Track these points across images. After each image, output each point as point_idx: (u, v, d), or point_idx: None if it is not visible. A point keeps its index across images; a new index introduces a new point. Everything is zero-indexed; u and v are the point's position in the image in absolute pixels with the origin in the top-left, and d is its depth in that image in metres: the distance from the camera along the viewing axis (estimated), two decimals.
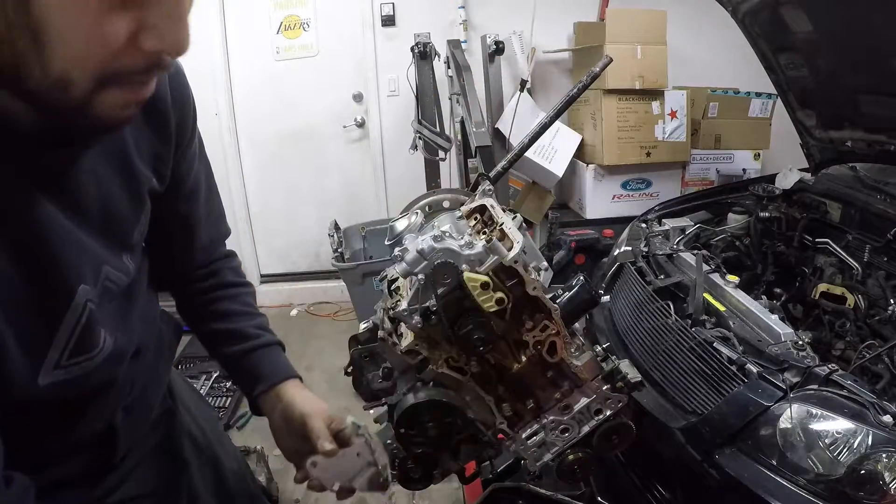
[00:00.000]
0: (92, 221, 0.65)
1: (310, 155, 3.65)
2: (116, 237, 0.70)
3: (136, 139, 0.70)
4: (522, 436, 0.81)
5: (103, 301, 0.67)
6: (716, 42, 3.17)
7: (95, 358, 0.66)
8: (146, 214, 0.75)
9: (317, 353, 3.18)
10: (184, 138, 0.79)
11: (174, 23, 0.49)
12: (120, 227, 0.70)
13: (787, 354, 1.21)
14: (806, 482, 1.06)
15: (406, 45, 2.92)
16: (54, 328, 0.61)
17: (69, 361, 0.63)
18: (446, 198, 0.96)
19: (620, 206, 3.07)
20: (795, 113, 2.13)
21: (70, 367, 0.64)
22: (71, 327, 0.62)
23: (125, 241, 0.72)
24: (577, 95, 1.08)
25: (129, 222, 0.72)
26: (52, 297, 0.60)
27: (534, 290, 0.72)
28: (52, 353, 0.62)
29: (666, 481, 1.37)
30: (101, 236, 0.66)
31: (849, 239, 1.79)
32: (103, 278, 0.67)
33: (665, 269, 1.69)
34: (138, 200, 0.73)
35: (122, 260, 0.71)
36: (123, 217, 0.70)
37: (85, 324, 0.63)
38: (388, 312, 0.80)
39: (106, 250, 0.67)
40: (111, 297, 0.70)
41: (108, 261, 0.67)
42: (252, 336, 0.92)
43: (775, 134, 3.09)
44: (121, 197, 0.69)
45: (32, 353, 0.60)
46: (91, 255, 0.64)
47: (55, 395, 0.63)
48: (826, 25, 1.72)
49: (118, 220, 0.69)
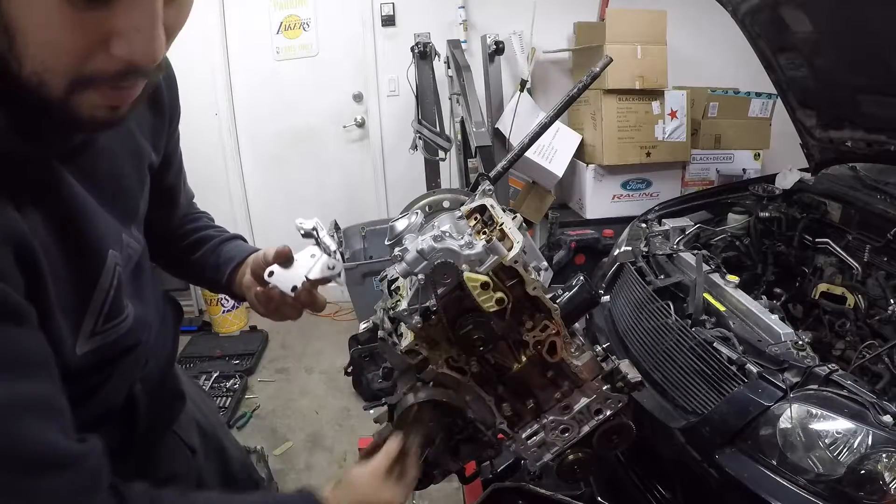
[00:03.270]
0: (105, 195, 0.68)
1: (310, 155, 3.65)
2: (127, 210, 0.74)
3: (139, 120, 0.75)
4: (522, 436, 0.81)
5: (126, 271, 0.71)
6: (716, 42, 3.17)
7: (125, 322, 0.69)
8: (147, 187, 0.80)
9: (317, 353, 3.18)
10: (175, 113, 0.84)
11: (144, 31, 0.49)
12: (129, 201, 0.74)
13: (787, 354, 1.21)
14: (806, 482, 1.06)
15: (406, 45, 2.92)
16: (89, 295, 0.64)
17: (104, 327, 0.66)
18: (446, 198, 0.96)
19: (620, 206, 3.07)
20: (795, 113, 2.13)
21: (106, 333, 0.67)
22: (105, 292, 0.65)
23: (134, 213, 0.76)
24: (577, 95, 1.08)
25: (135, 195, 0.76)
26: (87, 264, 0.63)
27: (534, 290, 0.72)
28: (87, 320, 0.64)
29: (666, 481, 1.37)
30: (114, 209, 0.70)
31: (849, 239, 1.79)
32: (125, 245, 0.71)
33: (665, 269, 1.69)
34: (142, 174, 0.77)
35: (131, 231, 0.75)
36: (131, 191, 0.74)
37: (116, 286, 0.67)
38: (388, 312, 0.80)
39: (122, 220, 0.71)
40: (132, 267, 0.74)
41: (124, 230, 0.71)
42: (215, 236, 0.98)
43: (775, 134, 3.09)
44: (129, 172, 0.73)
45: (71, 322, 0.62)
46: (114, 224, 0.68)
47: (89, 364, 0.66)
48: (826, 25, 1.72)
49: (127, 194, 0.74)
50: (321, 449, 2.39)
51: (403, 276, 0.76)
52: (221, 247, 0.97)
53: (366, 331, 0.86)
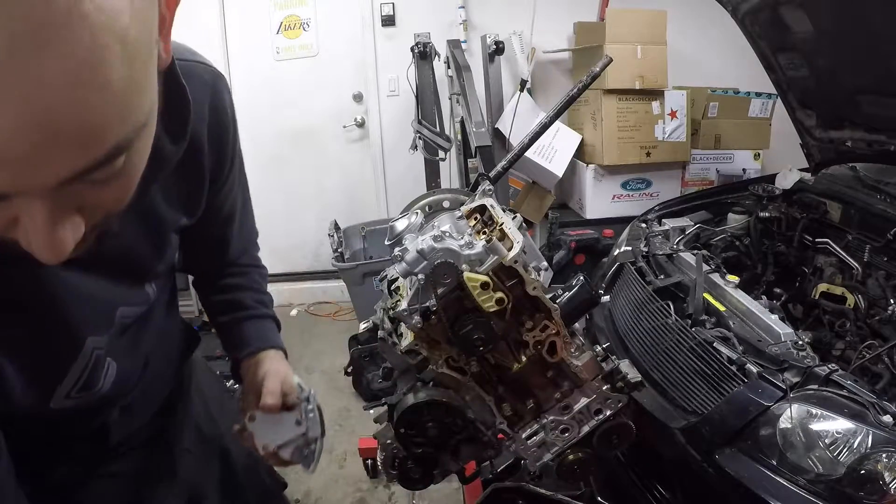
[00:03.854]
0: (110, 270, 0.67)
1: (310, 155, 3.65)
2: (137, 274, 0.73)
3: (167, 189, 0.71)
4: (522, 436, 0.81)
5: (116, 337, 0.72)
6: (716, 42, 3.17)
7: (100, 390, 0.72)
8: (172, 249, 0.78)
9: (317, 353, 3.18)
10: (221, 173, 0.80)
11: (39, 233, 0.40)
12: (141, 266, 0.73)
13: (787, 354, 1.21)
14: (806, 482, 1.06)
15: (406, 45, 2.92)
16: (63, 373, 0.67)
17: (77, 395, 0.69)
18: (446, 198, 0.96)
19: (620, 206, 3.07)
20: (795, 113, 2.13)
21: (79, 398, 0.70)
22: (79, 371, 0.68)
23: (147, 275, 0.75)
24: (577, 95, 1.08)
25: (151, 260, 0.74)
26: (61, 352, 0.66)
27: (534, 290, 0.72)
28: (61, 389, 0.68)
29: (666, 481, 1.37)
30: (119, 279, 0.69)
31: (849, 239, 1.79)
32: (119, 318, 0.71)
33: (665, 269, 1.69)
34: (162, 242, 0.75)
35: (143, 290, 0.75)
36: (145, 258, 0.73)
37: (92, 367, 0.69)
38: (388, 312, 0.80)
39: (124, 289, 0.71)
40: (125, 328, 0.74)
41: (125, 300, 0.71)
42: (248, 307, 0.95)
43: (775, 134, 3.09)
44: (144, 243, 0.71)
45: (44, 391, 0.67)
46: (103, 304, 0.68)
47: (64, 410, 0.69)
48: (826, 25, 1.72)
49: (139, 262, 0.72)
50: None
51: (403, 276, 0.76)
52: (244, 324, 0.93)
53: (366, 331, 0.86)
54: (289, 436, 0.81)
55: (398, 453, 0.81)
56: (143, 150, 0.45)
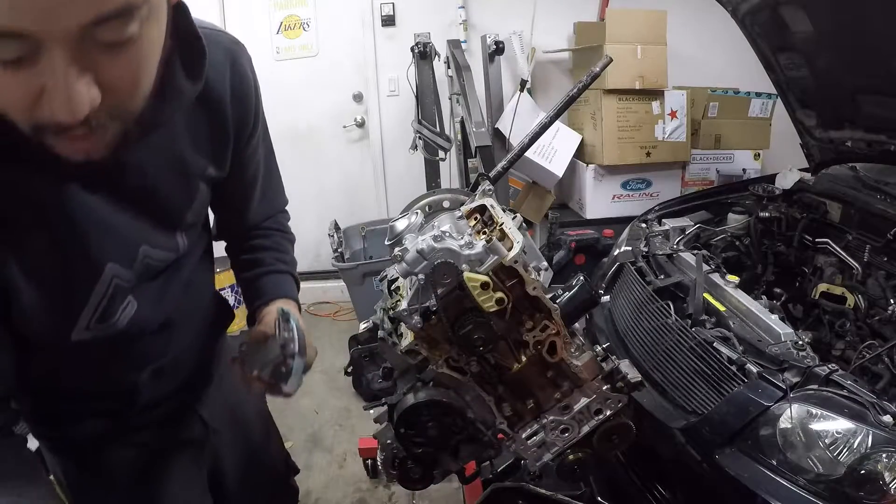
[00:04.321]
0: (137, 207, 0.73)
1: (310, 155, 3.65)
2: (167, 219, 0.78)
3: (193, 133, 0.77)
4: (522, 436, 0.81)
5: (143, 276, 0.77)
6: (716, 42, 3.17)
7: (117, 324, 0.76)
8: (201, 197, 0.83)
9: (317, 353, 3.17)
10: (244, 130, 0.87)
11: (59, 92, 0.49)
12: (170, 210, 0.78)
13: (787, 354, 1.21)
14: (806, 482, 1.06)
15: (406, 45, 2.92)
16: (84, 300, 0.71)
17: (96, 326, 0.74)
18: (446, 198, 0.96)
19: (620, 206, 3.07)
20: (795, 113, 2.13)
21: (97, 329, 0.74)
22: (99, 298, 0.72)
23: (177, 221, 0.80)
24: (577, 95, 1.08)
25: (179, 206, 0.80)
26: (82, 275, 0.70)
27: (534, 290, 0.72)
28: (82, 318, 0.72)
29: (666, 481, 1.37)
30: (147, 219, 0.75)
31: (849, 239, 1.79)
32: (142, 256, 0.75)
33: (665, 269, 1.69)
34: (191, 186, 0.80)
35: (173, 238, 0.80)
36: (173, 201, 0.78)
37: (111, 297, 0.73)
38: (388, 312, 0.80)
39: (151, 231, 0.76)
40: (154, 271, 0.79)
41: (149, 240, 0.76)
42: (267, 264, 1.01)
43: (775, 134, 3.09)
44: (172, 185, 0.77)
45: (67, 318, 0.71)
46: (125, 237, 0.73)
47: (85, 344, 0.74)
48: (826, 25, 1.72)
49: (168, 205, 0.77)
50: (321, 449, 2.39)
51: (403, 276, 0.76)
52: (262, 279, 0.99)
53: (366, 331, 0.86)
54: (270, 357, 0.82)
55: (398, 453, 0.81)
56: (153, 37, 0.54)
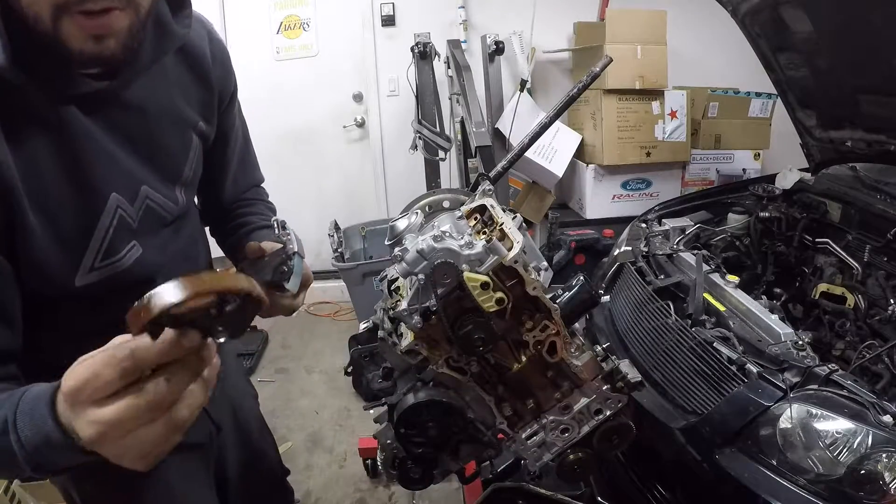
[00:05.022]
0: (139, 149, 0.77)
1: (310, 155, 3.65)
2: (167, 168, 0.82)
3: (183, 89, 0.83)
4: (522, 436, 0.81)
5: (146, 221, 0.79)
6: (716, 42, 3.17)
7: (123, 261, 0.76)
8: (195, 151, 0.87)
9: (317, 353, 3.18)
10: (227, 91, 0.94)
11: None
12: (169, 160, 0.82)
13: (787, 354, 1.21)
14: (806, 482, 1.06)
15: (406, 45, 2.92)
16: (90, 232, 0.72)
17: (101, 263, 0.74)
18: (446, 198, 0.96)
19: (620, 206, 3.07)
20: (795, 113, 2.13)
21: (102, 269, 0.74)
22: (104, 230, 0.73)
23: (176, 173, 0.84)
24: (577, 95, 1.08)
25: (177, 156, 0.84)
26: (87, 201, 0.71)
27: (534, 290, 0.72)
28: (87, 256, 0.72)
29: (666, 481, 1.37)
30: (148, 163, 0.78)
31: (849, 239, 1.79)
32: (143, 196, 0.78)
33: (665, 269, 1.69)
34: (185, 139, 0.85)
35: (173, 191, 0.83)
36: (172, 151, 0.83)
37: (116, 227, 0.74)
38: (388, 312, 0.80)
39: (152, 176, 0.79)
40: (157, 220, 0.81)
41: (150, 183, 0.79)
42: (253, 223, 1.04)
43: (775, 134, 3.09)
44: (170, 133, 0.81)
45: (72, 256, 0.71)
46: (129, 173, 0.75)
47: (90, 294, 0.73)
48: (826, 25, 1.72)
49: (167, 153, 0.82)
50: (321, 449, 2.39)
51: (403, 276, 0.76)
52: (252, 235, 1.00)
53: (366, 331, 0.86)
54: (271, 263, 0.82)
55: (398, 453, 0.81)
56: None
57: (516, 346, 0.76)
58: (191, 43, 0.83)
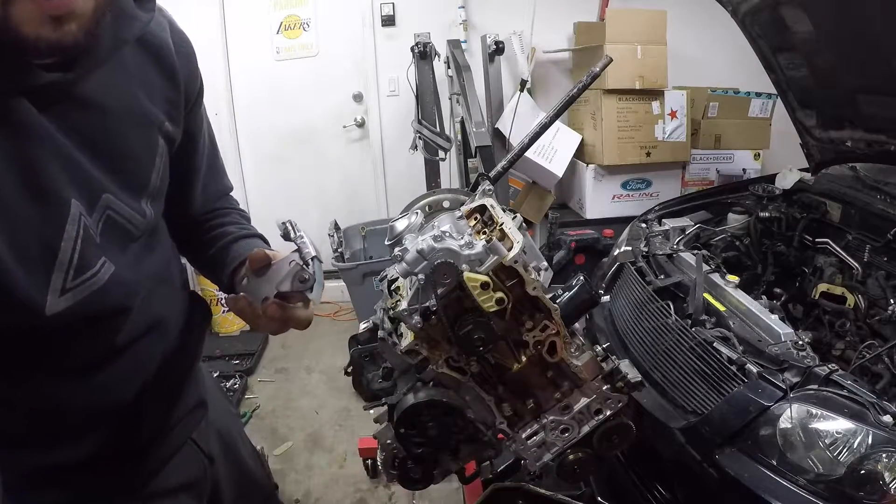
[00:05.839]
0: (99, 154, 0.66)
1: (310, 155, 3.65)
2: (132, 176, 0.72)
3: (146, 84, 0.74)
4: (522, 436, 0.81)
5: (109, 234, 0.68)
6: (716, 42, 3.17)
7: (98, 276, 0.66)
8: (161, 157, 0.77)
9: (317, 353, 3.18)
10: (193, 88, 0.83)
11: None
12: (134, 167, 0.72)
13: (787, 354, 1.21)
14: (806, 482, 1.06)
15: (406, 45, 2.92)
16: (56, 245, 0.61)
17: (74, 282, 0.63)
18: (446, 198, 0.96)
19: (620, 206, 3.07)
20: (795, 113, 2.13)
21: (77, 289, 0.63)
22: (72, 241, 0.62)
23: (142, 183, 0.74)
24: (577, 95, 1.08)
25: (143, 163, 0.74)
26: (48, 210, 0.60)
27: (534, 290, 0.72)
28: (56, 275, 0.61)
29: (666, 481, 1.37)
30: (111, 171, 0.68)
31: (849, 239, 1.79)
32: (104, 206, 0.67)
33: (665, 269, 1.69)
34: (151, 141, 0.75)
35: (139, 202, 0.73)
36: (136, 157, 0.73)
37: (84, 237, 0.63)
38: (388, 312, 0.80)
39: (115, 184, 0.69)
40: (123, 234, 0.71)
41: (112, 192, 0.68)
42: (231, 232, 0.94)
43: (775, 134, 3.09)
44: (134, 135, 0.72)
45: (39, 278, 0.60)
46: (88, 179, 0.65)
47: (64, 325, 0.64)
48: (826, 25, 1.72)
49: (131, 159, 0.72)
50: (321, 449, 2.39)
51: (403, 276, 0.76)
52: (233, 245, 0.91)
53: (366, 331, 0.85)
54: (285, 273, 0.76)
55: (398, 453, 0.81)
56: None
57: (516, 346, 0.76)
58: (151, 33, 0.73)
